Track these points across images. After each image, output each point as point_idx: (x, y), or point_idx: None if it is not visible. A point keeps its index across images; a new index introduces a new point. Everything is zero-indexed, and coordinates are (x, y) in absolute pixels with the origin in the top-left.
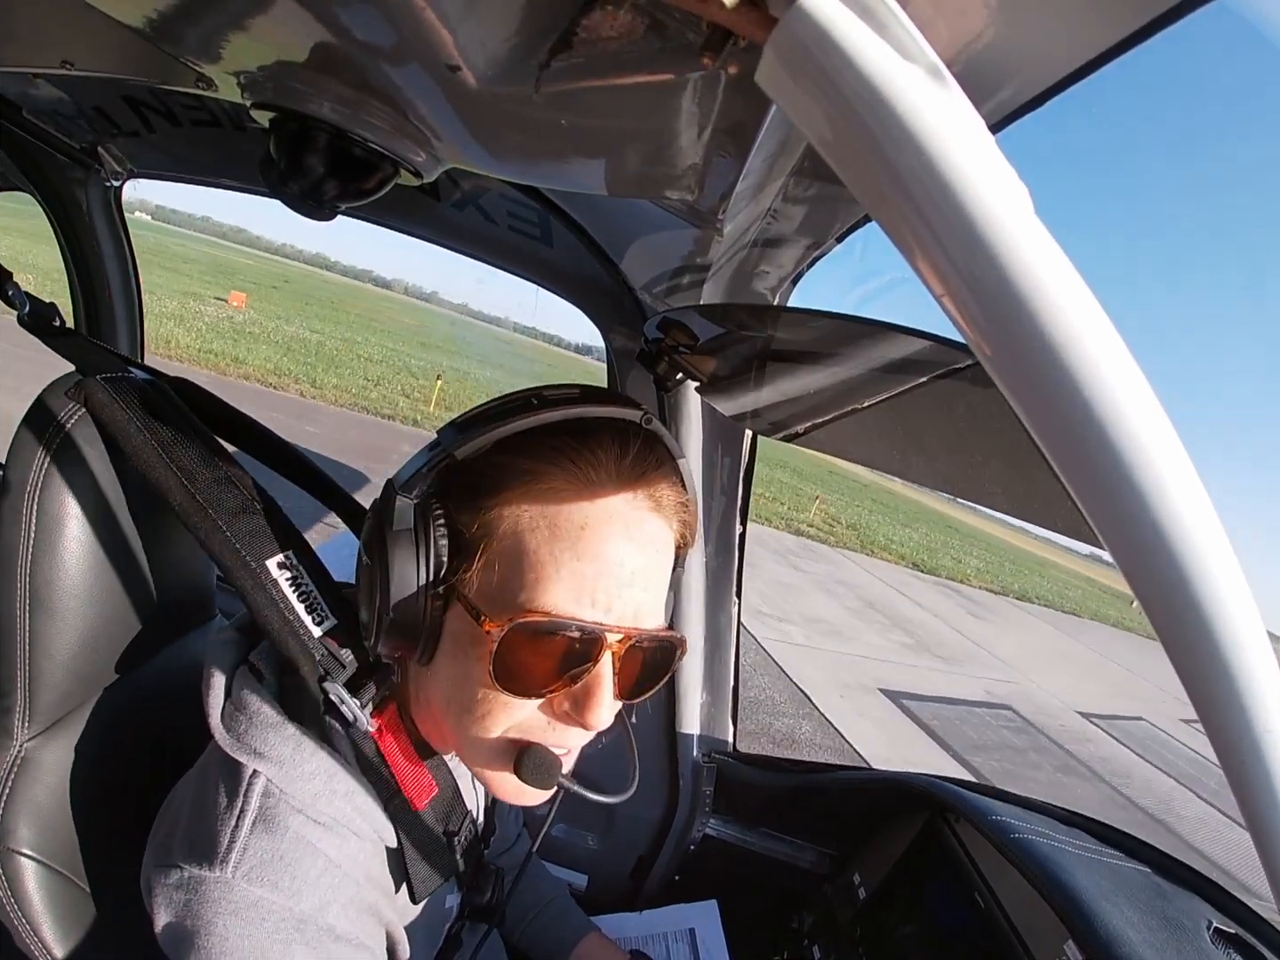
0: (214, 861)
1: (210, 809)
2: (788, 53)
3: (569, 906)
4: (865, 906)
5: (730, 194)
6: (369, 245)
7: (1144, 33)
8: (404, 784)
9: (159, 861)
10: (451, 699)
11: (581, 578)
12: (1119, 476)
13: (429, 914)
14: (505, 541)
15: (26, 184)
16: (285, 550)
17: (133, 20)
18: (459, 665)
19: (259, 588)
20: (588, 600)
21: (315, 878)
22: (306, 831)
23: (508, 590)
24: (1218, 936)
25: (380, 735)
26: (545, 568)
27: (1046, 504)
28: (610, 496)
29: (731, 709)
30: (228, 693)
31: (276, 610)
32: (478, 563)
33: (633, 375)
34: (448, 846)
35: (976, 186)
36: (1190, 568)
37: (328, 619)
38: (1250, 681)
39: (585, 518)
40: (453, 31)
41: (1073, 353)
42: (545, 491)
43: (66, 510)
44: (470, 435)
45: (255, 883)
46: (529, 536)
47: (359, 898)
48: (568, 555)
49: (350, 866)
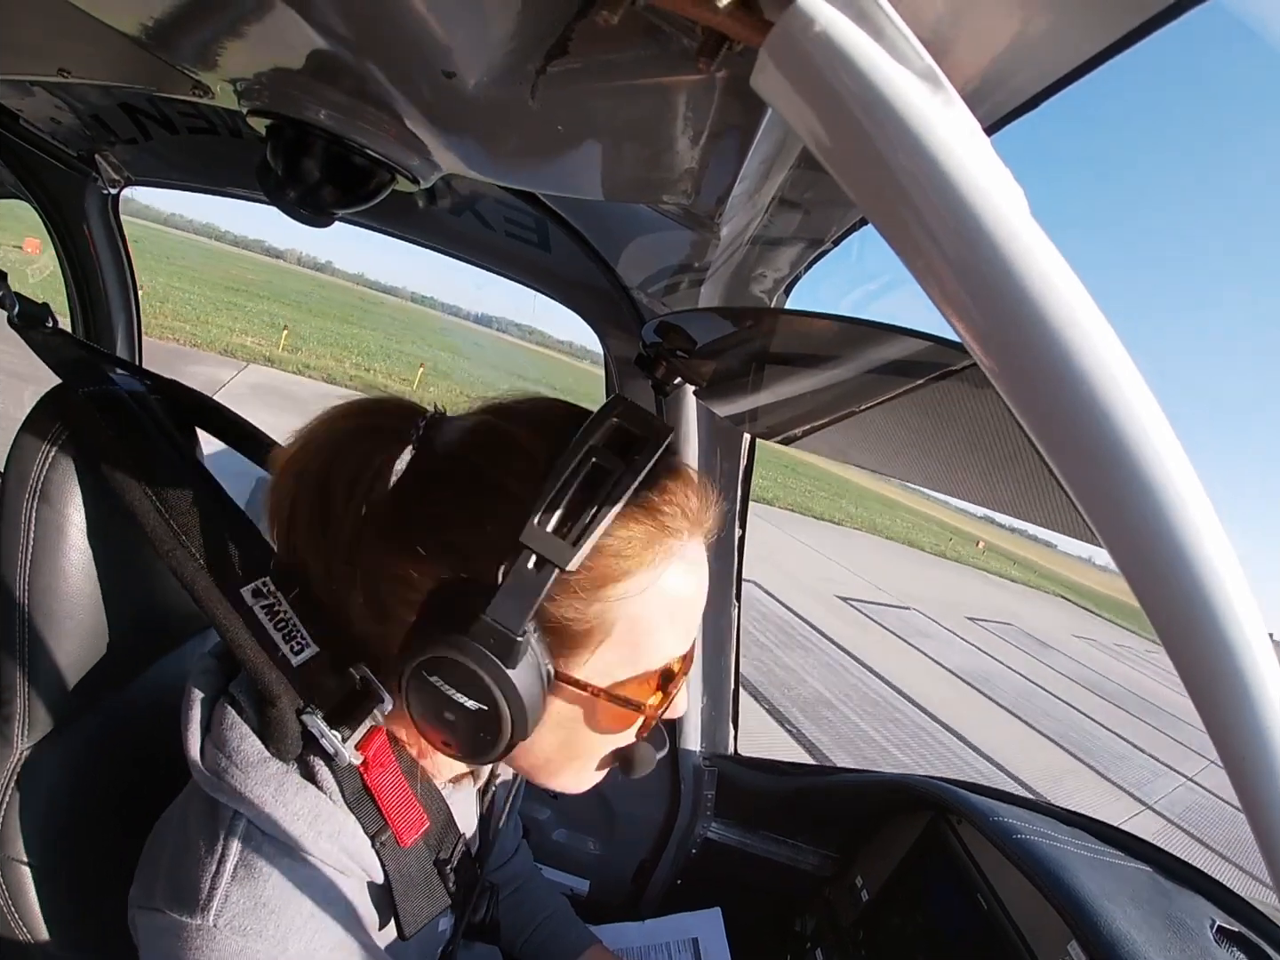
0: (194, 910)
1: (191, 853)
2: (783, 57)
3: (570, 918)
4: (868, 909)
5: (727, 197)
6: (259, 214)
7: (1138, 33)
8: (392, 819)
9: (142, 904)
10: (551, 760)
11: (683, 625)
12: (1116, 476)
13: (421, 942)
14: (620, 624)
15: (24, 192)
16: (261, 576)
17: (129, 28)
18: (561, 734)
19: (231, 616)
20: (684, 633)
21: (301, 924)
22: (291, 875)
23: (631, 663)
24: (1221, 935)
25: (366, 769)
26: (663, 632)
27: (1045, 503)
28: (693, 540)
29: (732, 712)
30: (206, 727)
31: (251, 640)
32: (592, 654)
33: (631, 379)
34: (439, 877)
35: (972, 188)
36: (1190, 567)
37: (308, 647)
38: (1250, 679)
39: (686, 572)
40: (449, 37)
41: (1069, 353)
42: (659, 563)
43: (66, 517)
44: (577, 541)
45: (238, 932)
46: (643, 610)
47: (346, 940)
48: (681, 613)
49: (337, 908)
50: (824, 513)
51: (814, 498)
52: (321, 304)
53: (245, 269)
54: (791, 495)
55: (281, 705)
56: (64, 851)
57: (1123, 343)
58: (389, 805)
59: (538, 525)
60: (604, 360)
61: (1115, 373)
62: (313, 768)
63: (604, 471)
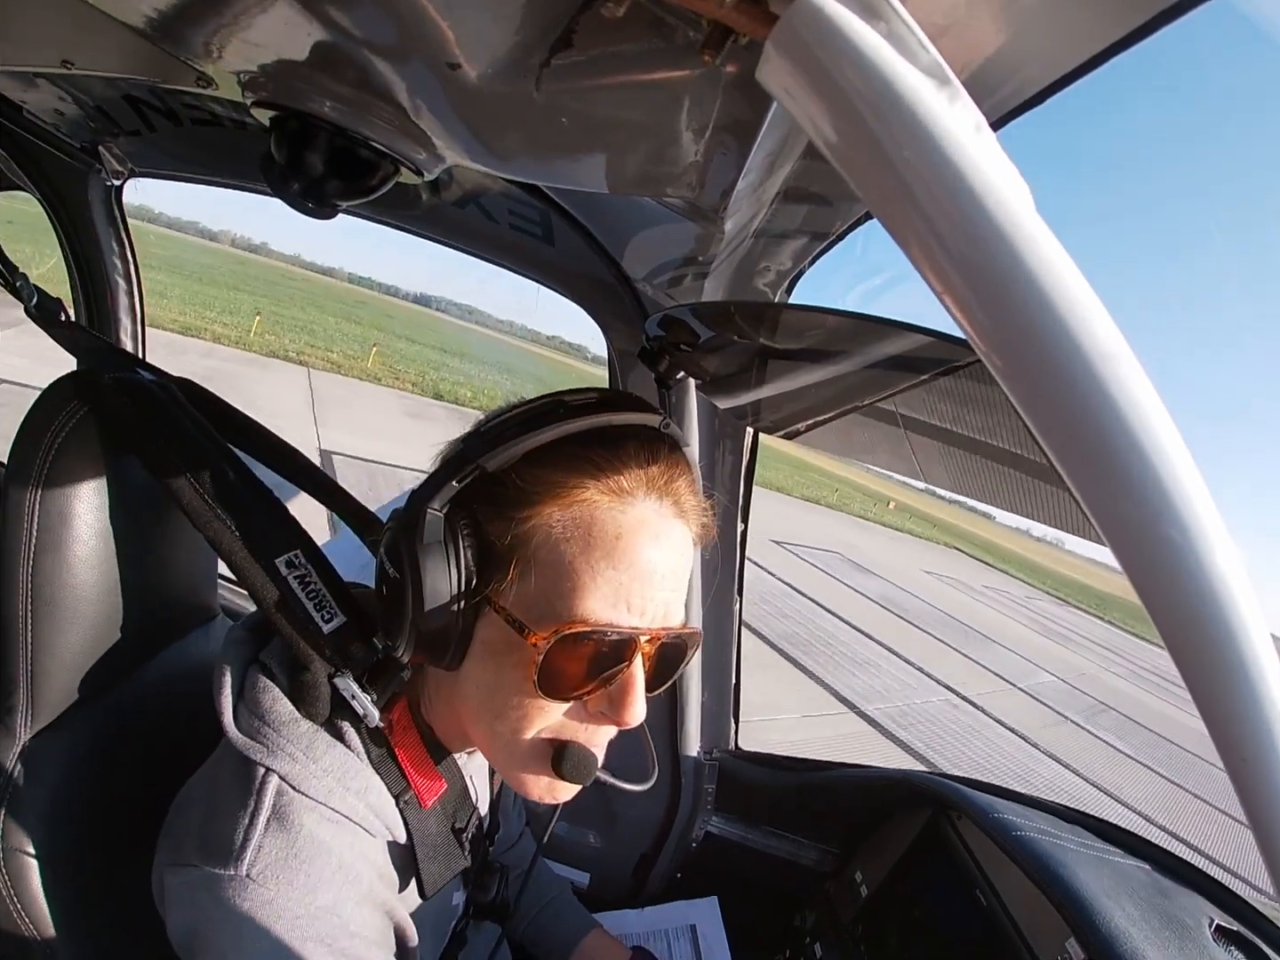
0: (228, 861)
1: (224, 808)
2: (788, 50)
3: (571, 903)
4: (867, 904)
5: (731, 191)
6: (193, 195)
7: (1146, 29)
8: (414, 780)
9: (173, 860)
10: (484, 705)
11: (617, 585)
12: (1119, 473)
13: (437, 910)
14: (540, 553)
15: (28, 183)
16: (293, 549)
17: (133, 19)
18: (491, 673)
19: (269, 586)
20: (624, 606)
21: (329, 876)
22: (320, 829)
23: (546, 600)
24: (1219, 934)
25: (390, 731)
26: (582, 577)
27: (1048, 500)
28: (640, 504)
29: (733, 707)
30: (240, 692)
31: (286, 608)
32: (512, 573)
33: (634, 373)
34: (456, 843)
35: (978, 184)
36: (1192, 566)
37: (336, 616)
38: (1251, 679)
39: (619, 527)
40: (453, 29)
41: (1074, 349)
42: (579, 503)
43: (69, 508)
44: (499, 447)
45: (270, 881)
46: (565, 547)
47: (371, 894)
48: (604, 564)
49: (363, 863)
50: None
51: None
52: (251, 282)
53: (179, 250)
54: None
55: (315, 669)
56: (67, 843)
57: (1127, 339)
58: (411, 767)
59: (480, 433)
60: (607, 353)
61: (1119, 370)
62: (341, 729)
63: (550, 412)
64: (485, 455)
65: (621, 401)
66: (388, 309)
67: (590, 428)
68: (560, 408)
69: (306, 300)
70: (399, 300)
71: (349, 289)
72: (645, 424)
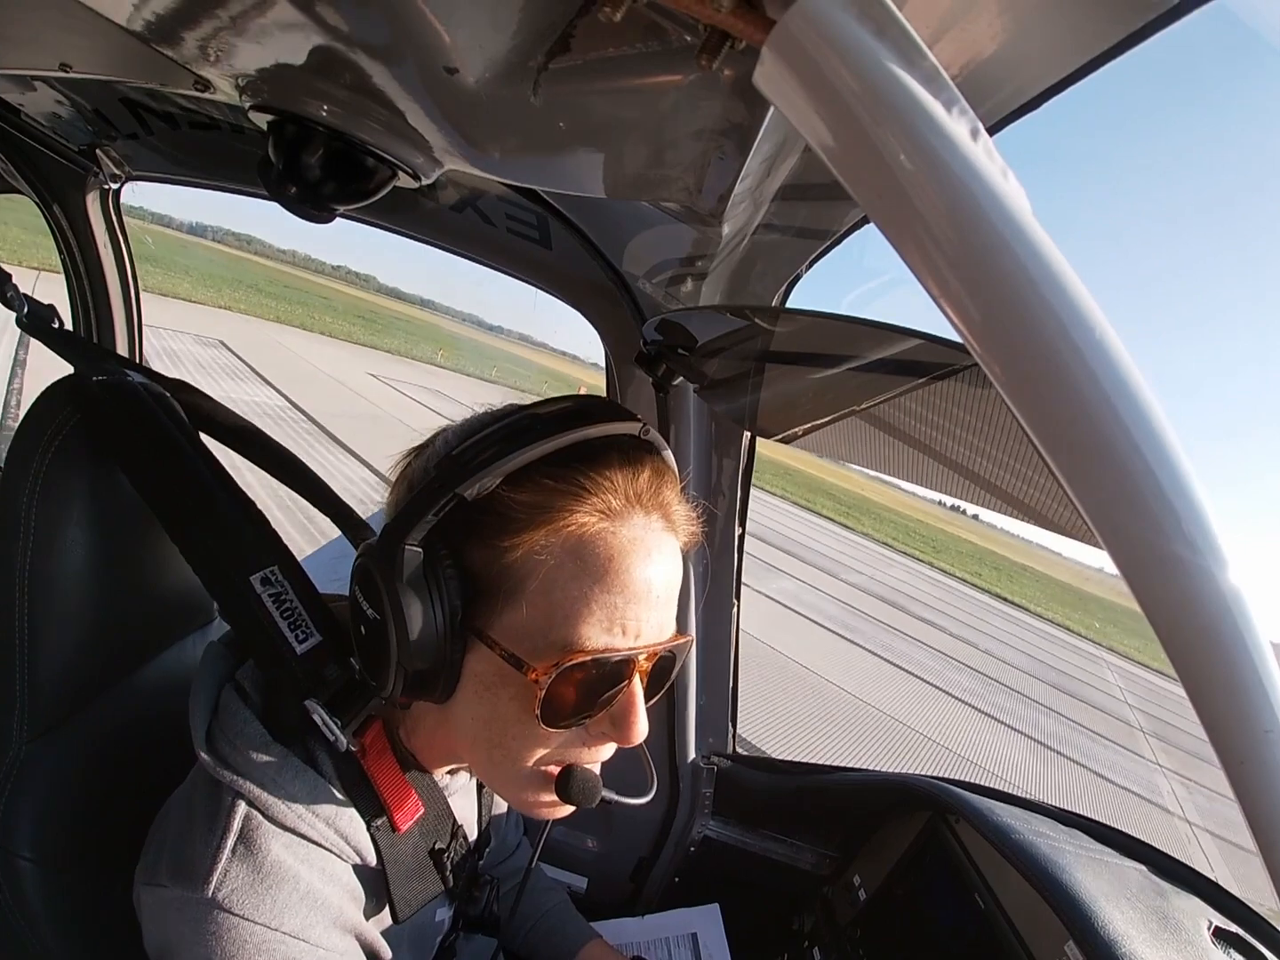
0: (195, 884)
1: (193, 830)
2: (785, 55)
3: (569, 913)
4: (866, 908)
5: (729, 195)
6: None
7: (1141, 34)
8: (389, 804)
9: (147, 880)
10: (479, 735)
11: (613, 609)
12: (1115, 477)
13: (417, 929)
14: (530, 582)
15: (25, 186)
16: (269, 566)
17: (131, 23)
18: (487, 705)
19: (241, 603)
20: (619, 629)
21: (296, 901)
22: (286, 855)
23: (540, 631)
24: (1217, 936)
25: (364, 755)
26: (577, 605)
27: (1045, 505)
28: (630, 523)
29: (730, 711)
30: (214, 711)
31: (258, 626)
32: (500, 603)
33: (632, 377)
34: (435, 865)
35: (975, 188)
36: (1189, 568)
37: (311, 636)
38: (1249, 681)
39: (610, 549)
40: (450, 34)
41: (1071, 354)
42: (567, 527)
43: (66, 511)
44: (478, 473)
45: (236, 906)
46: (556, 575)
47: (341, 918)
48: (598, 589)
49: (332, 888)
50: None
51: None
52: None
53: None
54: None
55: (284, 692)
56: (63, 847)
57: (1125, 345)
58: (385, 791)
59: (453, 456)
60: (605, 358)
61: (1117, 374)
62: (313, 753)
63: (527, 429)
64: (462, 483)
65: (597, 411)
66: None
67: (570, 444)
68: (536, 423)
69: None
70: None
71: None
72: (625, 433)
